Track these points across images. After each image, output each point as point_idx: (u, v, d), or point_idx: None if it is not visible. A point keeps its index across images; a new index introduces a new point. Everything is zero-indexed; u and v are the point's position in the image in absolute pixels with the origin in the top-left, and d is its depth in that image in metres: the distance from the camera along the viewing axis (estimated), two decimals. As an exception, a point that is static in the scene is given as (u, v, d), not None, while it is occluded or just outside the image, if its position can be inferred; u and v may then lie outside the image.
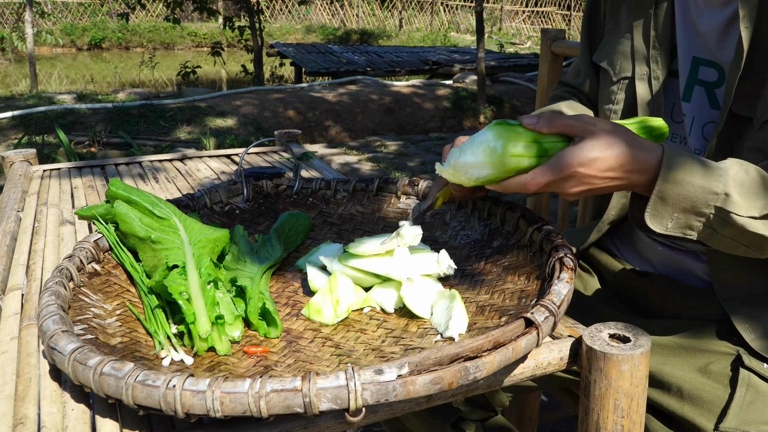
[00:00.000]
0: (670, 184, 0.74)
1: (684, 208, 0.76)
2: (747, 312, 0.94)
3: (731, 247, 0.80)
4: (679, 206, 0.76)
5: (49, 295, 0.70)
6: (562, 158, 0.75)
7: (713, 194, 0.74)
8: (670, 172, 0.74)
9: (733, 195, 0.74)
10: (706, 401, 0.87)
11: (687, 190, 0.75)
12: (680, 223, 0.77)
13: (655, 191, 0.75)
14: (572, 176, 0.75)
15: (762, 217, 0.75)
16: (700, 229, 0.78)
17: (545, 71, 2.00)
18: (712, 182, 0.74)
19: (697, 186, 0.74)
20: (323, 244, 0.96)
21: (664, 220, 0.77)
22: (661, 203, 0.76)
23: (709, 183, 0.74)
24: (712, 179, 0.75)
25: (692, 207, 0.75)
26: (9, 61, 11.49)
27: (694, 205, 0.75)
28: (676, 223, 0.77)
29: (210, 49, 9.21)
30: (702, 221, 0.77)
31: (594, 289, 1.15)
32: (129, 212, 0.83)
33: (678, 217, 0.76)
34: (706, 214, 0.76)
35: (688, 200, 0.75)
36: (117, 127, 5.34)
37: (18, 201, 1.24)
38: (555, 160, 0.75)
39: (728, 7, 0.91)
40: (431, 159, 5.07)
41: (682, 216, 0.76)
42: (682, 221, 0.77)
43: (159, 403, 0.56)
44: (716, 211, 0.75)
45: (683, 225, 0.77)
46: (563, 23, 16.92)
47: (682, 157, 0.75)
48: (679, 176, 0.74)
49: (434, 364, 0.59)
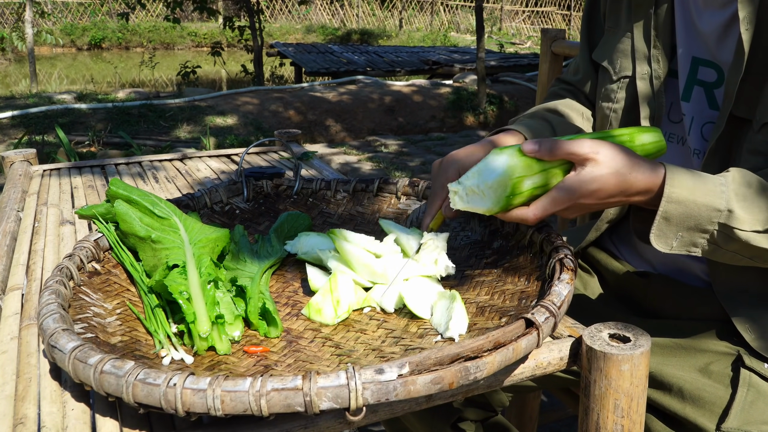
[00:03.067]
0: (674, 205, 0.75)
1: (688, 226, 0.76)
2: (747, 312, 0.94)
3: (735, 260, 0.80)
4: (683, 225, 0.76)
5: (49, 294, 0.70)
6: (564, 192, 0.75)
7: (716, 211, 0.75)
8: (674, 192, 0.74)
9: (736, 210, 0.75)
10: (708, 402, 0.87)
11: (690, 209, 0.75)
12: (685, 242, 0.77)
13: (660, 212, 0.75)
14: (573, 206, 0.77)
15: (766, 230, 0.76)
16: (705, 246, 0.78)
17: (545, 71, 2.00)
18: (715, 199, 0.75)
19: (700, 204, 0.74)
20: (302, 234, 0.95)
21: (668, 240, 0.77)
22: (666, 224, 0.76)
23: (712, 200, 0.75)
24: (715, 196, 0.75)
25: (696, 225, 0.76)
26: (9, 61, 11.49)
27: (698, 223, 0.75)
28: (681, 241, 0.77)
29: (210, 49, 9.21)
30: (706, 238, 0.77)
31: (594, 289, 1.15)
32: (129, 212, 0.83)
33: (682, 235, 0.77)
34: (710, 231, 0.76)
35: (692, 219, 0.75)
36: (117, 127, 5.34)
37: (18, 201, 1.24)
38: (556, 194, 0.75)
39: (728, 8, 0.91)
40: (431, 159, 5.07)
41: (686, 234, 0.77)
42: (687, 239, 0.77)
43: (159, 401, 0.56)
44: (720, 227, 0.75)
45: (688, 243, 0.78)
46: (563, 23, 16.92)
47: (683, 175, 0.76)
48: (682, 195, 0.74)
49: (435, 364, 0.59)
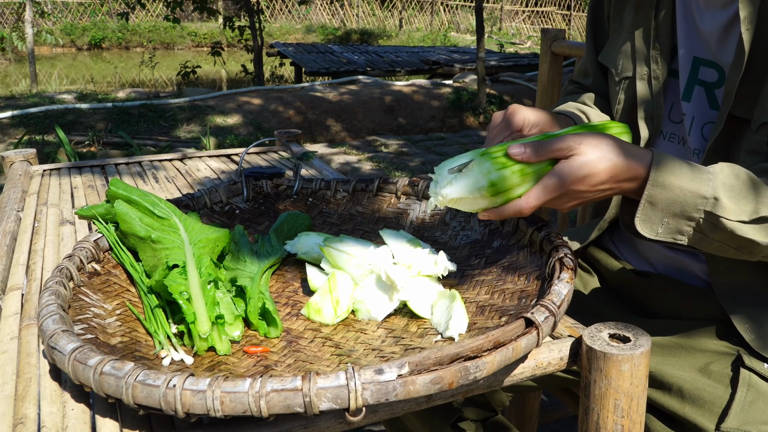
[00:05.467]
0: (659, 189, 0.75)
1: (674, 212, 0.76)
2: (747, 312, 0.94)
3: (721, 251, 0.80)
4: (668, 211, 0.76)
5: (49, 295, 0.70)
6: (554, 179, 0.75)
7: (702, 198, 0.75)
8: (659, 176, 0.75)
9: (723, 199, 0.75)
10: (707, 401, 0.87)
11: (676, 194, 0.75)
12: (670, 228, 0.77)
13: (645, 196, 0.75)
14: (565, 194, 0.76)
15: (751, 221, 0.76)
16: (691, 234, 0.78)
17: (545, 71, 2.00)
18: (701, 186, 0.75)
19: (686, 190, 0.75)
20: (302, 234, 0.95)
21: (654, 226, 0.77)
22: (651, 208, 0.76)
23: (698, 187, 0.75)
24: (701, 183, 0.75)
25: (682, 211, 0.76)
26: (9, 61, 11.49)
27: (684, 209, 0.75)
28: (666, 228, 0.77)
29: (210, 49, 9.20)
30: (692, 226, 0.77)
31: (594, 289, 1.15)
32: (129, 212, 0.83)
33: (668, 221, 0.77)
34: (695, 219, 0.76)
35: (678, 204, 0.75)
36: (117, 127, 5.34)
37: (18, 201, 1.24)
38: (547, 181, 0.75)
39: (729, 8, 0.91)
40: (431, 159, 5.07)
41: (672, 221, 0.77)
42: (672, 226, 0.77)
43: (159, 402, 0.56)
44: (706, 215, 0.75)
45: (673, 230, 0.78)
46: (563, 23, 16.92)
47: (670, 161, 0.76)
48: (668, 180, 0.75)
49: (434, 363, 0.59)
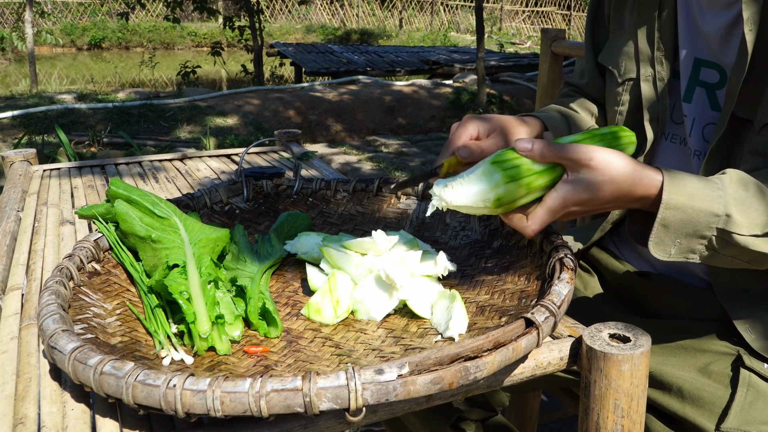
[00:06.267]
0: (672, 211, 0.74)
1: (686, 233, 0.75)
2: (747, 312, 0.93)
3: (732, 264, 0.80)
4: (681, 232, 0.75)
5: (49, 295, 0.70)
6: (557, 200, 0.75)
7: (714, 216, 0.74)
8: (672, 198, 0.74)
9: (734, 215, 0.74)
10: (707, 401, 0.87)
11: (689, 215, 0.74)
12: (683, 248, 0.77)
13: (658, 219, 0.75)
14: (568, 214, 0.77)
15: (764, 234, 0.75)
16: (703, 252, 0.77)
17: (545, 71, 2.00)
18: (713, 204, 0.74)
19: (698, 210, 0.74)
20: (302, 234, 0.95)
21: (667, 247, 0.77)
22: (664, 231, 0.75)
23: (710, 205, 0.74)
24: (713, 201, 0.74)
25: (695, 231, 0.75)
26: (9, 61, 11.49)
27: (696, 229, 0.75)
28: (679, 248, 0.77)
29: (210, 49, 9.21)
30: (704, 244, 0.76)
31: (594, 289, 1.15)
32: (129, 211, 0.83)
33: (681, 242, 0.76)
34: (708, 237, 0.75)
35: (691, 225, 0.74)
36: (117, 127, 5.34)
37: (18, 201, 1.24)
38: (550, 203, 0.75)
39: (732, 9, 0.91)
40: (431, 159, 5.07)
41: (684, 241, 0.76)
42: (685, 246, 0.76)
43: (159, 402, 0.56)
44: (718, 232, 0.74)
45: (686, 250, 0.77)
46: (563, 23, 16.92)
47: (680, 180, 0.75)
48: (680, 202, 0.74)
49: (435, 364, 0.59)
